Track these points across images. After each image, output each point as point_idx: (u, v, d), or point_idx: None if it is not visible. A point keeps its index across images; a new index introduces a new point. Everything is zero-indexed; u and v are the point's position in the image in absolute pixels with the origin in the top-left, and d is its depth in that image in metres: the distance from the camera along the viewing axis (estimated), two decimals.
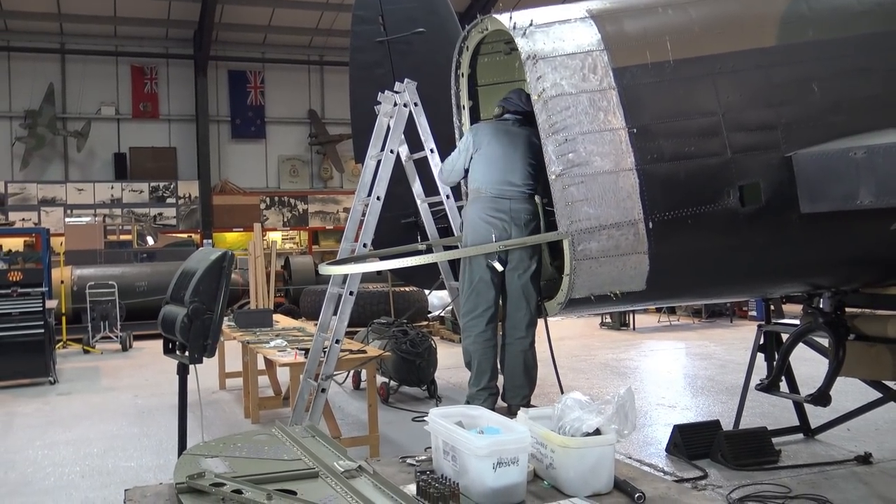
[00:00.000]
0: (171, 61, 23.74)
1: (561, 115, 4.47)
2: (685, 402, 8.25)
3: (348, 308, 5.92)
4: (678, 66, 4.67)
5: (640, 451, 6.28)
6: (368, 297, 12.98)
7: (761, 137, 4.70)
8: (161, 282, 13.58)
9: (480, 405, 5.25)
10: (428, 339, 8.62)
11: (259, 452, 2.59)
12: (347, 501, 2.14)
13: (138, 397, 9.08)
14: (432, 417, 2.43)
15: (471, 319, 5.51)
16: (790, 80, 4.82)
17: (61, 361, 11.65)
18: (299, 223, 24.61)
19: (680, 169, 4.59)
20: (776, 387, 6.02)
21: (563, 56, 4.56)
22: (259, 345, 7.28)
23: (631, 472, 2.48)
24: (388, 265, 5.81)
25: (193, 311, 3.65)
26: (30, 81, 22.14)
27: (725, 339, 12.84)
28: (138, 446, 6.95)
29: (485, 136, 5.54)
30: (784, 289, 5.76)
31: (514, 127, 5.58)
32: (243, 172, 24.41)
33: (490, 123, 5.67)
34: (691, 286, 5.17)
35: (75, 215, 21.17)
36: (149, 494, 2.30)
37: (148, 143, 23.39)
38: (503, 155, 5.46)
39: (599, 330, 14.58)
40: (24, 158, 21.98)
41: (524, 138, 5.53)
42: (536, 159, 5.41)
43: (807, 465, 5.80)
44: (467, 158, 5.60)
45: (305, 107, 25.23)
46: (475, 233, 5.44)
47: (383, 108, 6.23)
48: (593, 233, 4.45)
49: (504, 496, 2.17)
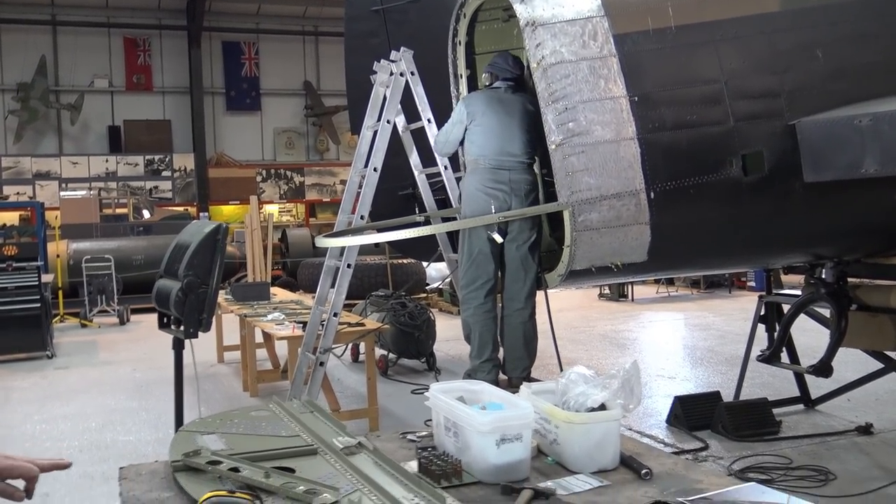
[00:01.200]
0: (164, 33, 23.44)
1: (560, 84, 4.39)
2: (685, 374, 8.24)
3: (346, 281, 5.87)
4: (680, 32, 4.58)
5: (641, 422, 6.27)
6: (366, 270, 12.94)
7: (764, 105, 4.63)
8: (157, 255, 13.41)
9: (486, 376, 5.25)
10: (427, 312, 8.59)
11: (256, 429, 2.53)
12: (347, 479, 2.09)
13: (136, 371, 9.06)
14: (433, 393, 2.38)
15: (470, 292, 5.46)
16: (794, 46, 4.74)
17: (58, 335, 11.62)
18: (296, 196, 24.48)
19: (682, 138, 4.52)
20: (777, 358, 6.00)
21: (563, 23, 4.46)
22: (257, 318, 7.23)
23: (637, 447, 2.44)
24: (386, 237, 5.75)
25: (188, 285, 3.59)
26: (21, 54, 21.87)
27: (724, 309, 12.83)
28: (137, 420, 6.93)
29: (479, 106, 5.46)
30: (787, 259, 5.72)
31: (508, 94, 5.49)
32: (239, 145, 24.23)
33: (483, 93, 5.57)
34: (693, 257, 5.12)
35: (70, 189, 21.02)
36: (144, 472, 2.25)
37: (142, 115, 23.17)
38: (500, 124, 5.38)
39: (598, 301, 14.56)
40: (18, 132, 21.78)
41: (520, 106, 5.45)
42: (533, 127, 5.34)
43: (808, 436, 5.79)
44: (461, 130, 5.52)
45: (301, 78, 24.99)
46: (474, 204, 5.37)
47: (379, 77, 6.13)
48: (594, 203, 4.39)
49: (507, 473, 2.12)
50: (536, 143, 5.39)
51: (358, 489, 2.01)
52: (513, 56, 5.64)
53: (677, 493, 2.04)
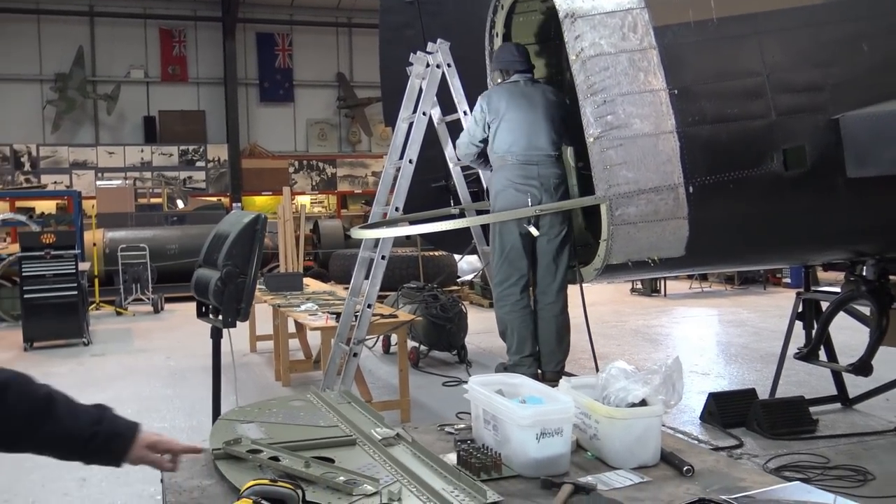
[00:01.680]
0: (199, 24, 23.63)
1: (600, 76, 4.34)
2: (718, 370, 8.16)
3: (380, 272, 5.88)
4: (722, 24, 4.51)
5: (674, 419, 6.21)
6: (398, 262, 12.94)
7: (807, 99, 4.55)
8: (191, 245, 13.65)
9: (527, 371, 5.25)
10: (458, 304, 8.59)
11: (295, 418, 2.55)
12: (386, 470, 2.09)
13: (170, 359, 9.15)
14: (472, 386, 2.37)
15: (505, 289, 5.45)
16: (839, 38, 4.65)
17: (94, 323, 11.77)
18: (328, 187, 24.58)
19: (722, 132, 4.46)
20: (815, 355, 5.92)
21: (603, 14, 4.41)
22: (290, 308, 7.27)
23: (677, 443, 2.41)
24: (420, 229, 5.75)
25: (227, 275, 3.61)
26: (60, 45, 22.16)
27: (759, 306, 12.67)
28: (171, 407, 7.01)
29: (501, 102, 5.42)
30: (827, 256, 5.63)
31: (529, 87, 5.47)
32: (272, 136, 24.37)
33: (503, 88, 5.51)
34: (731, 252, 5.05)
35: (106, 178, 21.29)
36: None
37: (177, 106, 23.39)
38: (525, 119, 5.36)
39: (630, 296, 14.45)
40: (55, 121, 22.09)
41: (541, 97, 5.43)
42: (558, 117, 5.33)
43: (845, 435, 5.69)
44: (484, 127, 5.49)
45: (334, 70, 25.06)
46: (507, 200, 5.35)
47: (415, 69, 6.12)
48: (632, 197, 4.34)
49: (547, 467, 2.11)
50: (562, 132, 5.37)
51: (398, 480, 2.01)
52: (515, 45, 5.59)
53: (720, 490, 2.01)
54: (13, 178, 21.58)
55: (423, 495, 1.91)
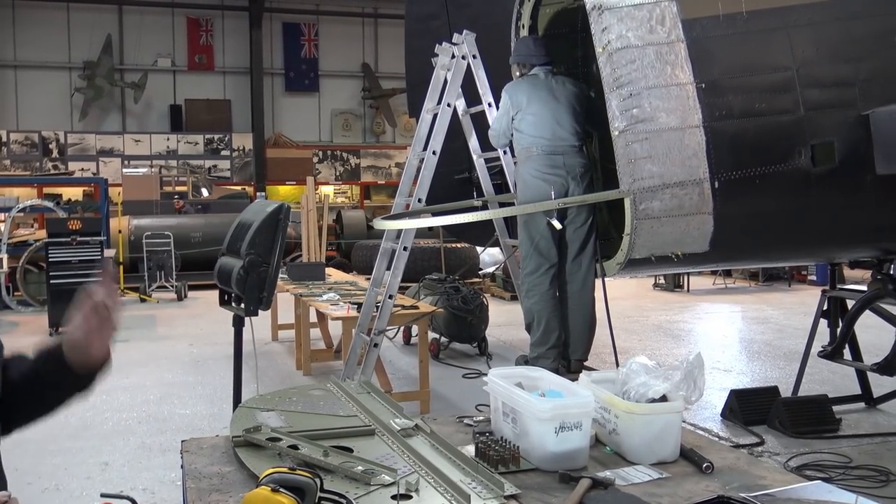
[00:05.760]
0: (226, 13, 23.73)
1: (626, 69, 4.31)
2: (740, 367, 8.09)
3: (402, 263, 5.88)
4: (751, 18, 4.46)
5: (694, 415, 6.17)
6: (419, 253, 12.93)
7: (837, 94, 4.49)
8: (215, 233, 13.73)
9: (549, 364, 5.25)
10: (480, 297, 8.58)
11: (315, 407, 2.56)
12: (404, 461, 2.10)
13: (193, 346, 9.23)
14: (492, 378, 2.37)
15: (536, 278, 5.47)
16: (870, 33, 4.59)
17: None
18: (351, 177, 24.64)
19: (749, 126, 4.41)
20: (840, 354, 5.86)
21: (630, 7, 4.38)
22: (312, 298, 7.30)
23: (697, 440, 2.39)
24: (443, 221, 5.75)
25: (249, 264, 3.62)
26: (88, 33, 22.34)
27: (783, 303, 12.54)
28: (193, 394, 7.06)
29: (523, 95, 5.48)
30: (854, 253, 5.57)
31: (550, 79, 5.51)
32: (296, 125, 24.45)
33: (525, 81, 5.58)
34: (756, 249, 5.01)
35: (132, 166, 21.47)
36: (205, 446, 2.29)
37: (203, 95, 23.53)
38: (548, 110, 5.41)
39: (652, 291, 14.37)
40: (83, 109, 22.29)
41: (563, 88, 5.47)
42: (580, 107, 5.35)
43: (868, 435, 5.63)
44: (510, 120, 5.54)
45: (359, 60, 25.08)
46: (532, 191, 5.36)
47: (441, 60, 6.11)
48: (656, 191, 4.31)
49: (566, 461, 2.10)
50: (585, 122, 5.40)
51: (415, 471, 2.01)
52: (532, 38, 5.61)
53: (740, 488, 1.99)
54: (41, 164, 21.83)
55: (441, 486, 1.91)
